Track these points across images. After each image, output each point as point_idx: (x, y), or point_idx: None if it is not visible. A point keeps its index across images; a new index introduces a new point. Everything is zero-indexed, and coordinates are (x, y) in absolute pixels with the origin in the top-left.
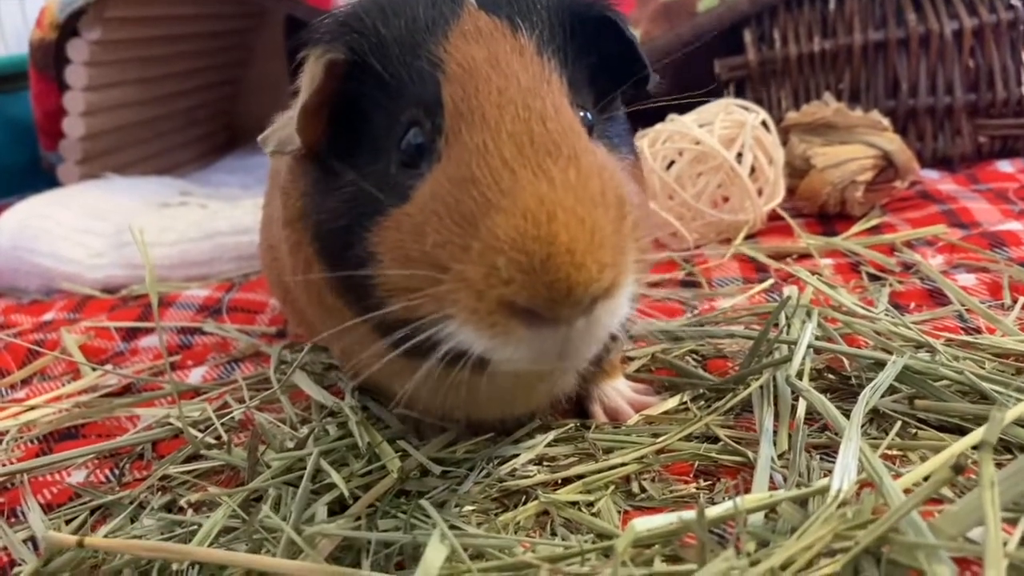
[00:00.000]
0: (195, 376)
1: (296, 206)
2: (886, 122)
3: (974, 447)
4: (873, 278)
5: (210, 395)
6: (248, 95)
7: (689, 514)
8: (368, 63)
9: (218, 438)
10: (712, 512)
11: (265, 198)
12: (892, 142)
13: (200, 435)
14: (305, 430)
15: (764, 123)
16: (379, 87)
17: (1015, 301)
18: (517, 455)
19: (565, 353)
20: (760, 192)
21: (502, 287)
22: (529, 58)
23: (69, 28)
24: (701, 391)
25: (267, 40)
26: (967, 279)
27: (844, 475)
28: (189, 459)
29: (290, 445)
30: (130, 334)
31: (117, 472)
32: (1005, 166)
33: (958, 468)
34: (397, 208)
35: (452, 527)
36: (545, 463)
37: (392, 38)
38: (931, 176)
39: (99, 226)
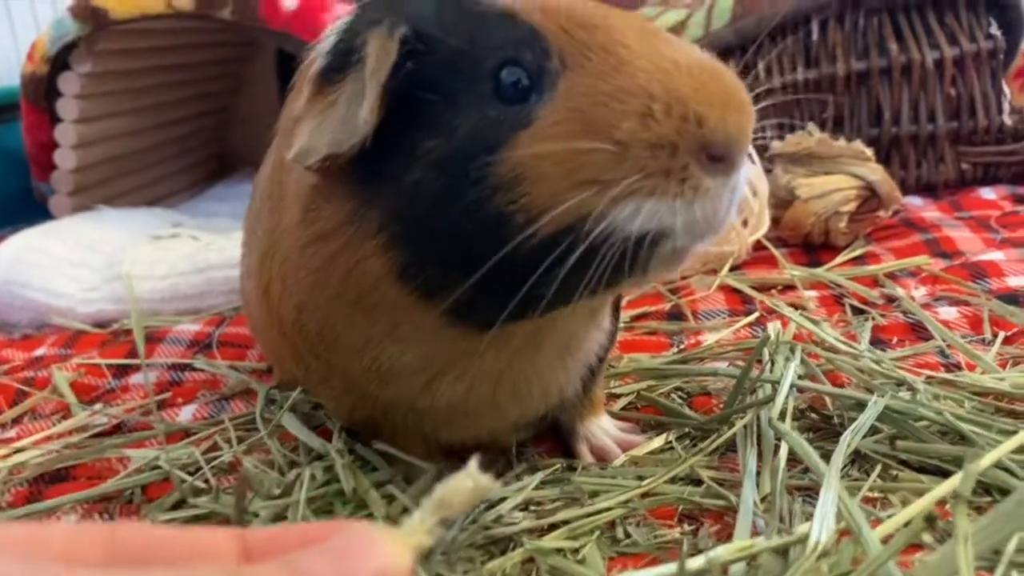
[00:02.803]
0: (185, 414)
1: (342, 211)
2: (869, 152)
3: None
4: (856, 311)
5: (200, 436)
6: (239, 123)
7: (671, 567)
8: (427, 33)
9: (206, 481)
10: (692, 564)
11: (244, 247)
12: (875, 172)
13: (189, 479)
14: (292, 475)
15: (748, 154)
16: (444, 52)
17: (995, 335)
18: (504, 498)
19: (729, 210)
20: (745, 223)
21: (698, 129)
22: None
23: (60, 61)
24: (686, 430)
25: (258, 69)
26: (949, 312)
27: (823, 525)
28: (177, 505)
29: (277, 492)
30: (121, 370)
31: (107, 518)
32: (988, 193)
33: (931, 519)
34: (526, 129)
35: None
36: (531, 508)
37: (447, 2)
38: (915, 203)
39: (91, 259)
